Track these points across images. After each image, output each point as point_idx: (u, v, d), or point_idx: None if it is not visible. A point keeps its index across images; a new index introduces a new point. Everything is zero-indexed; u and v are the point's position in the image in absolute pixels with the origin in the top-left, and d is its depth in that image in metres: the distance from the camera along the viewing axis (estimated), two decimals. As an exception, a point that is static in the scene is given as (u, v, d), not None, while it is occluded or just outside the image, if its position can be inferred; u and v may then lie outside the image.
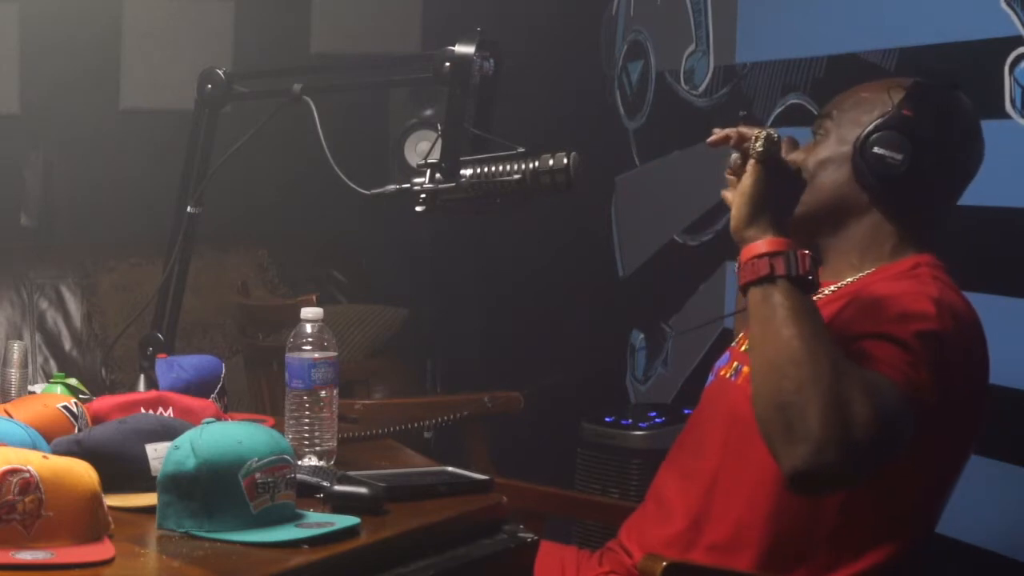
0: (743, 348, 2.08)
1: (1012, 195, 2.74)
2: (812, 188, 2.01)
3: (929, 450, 1.87)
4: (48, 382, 2.34)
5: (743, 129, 1.90)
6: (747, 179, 1.86)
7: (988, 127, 2.80)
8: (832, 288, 2.02)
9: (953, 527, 2.86)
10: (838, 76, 3.29)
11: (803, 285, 1.81)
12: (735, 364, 2.09)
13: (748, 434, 1.91)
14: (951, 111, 2.03)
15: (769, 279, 1.80)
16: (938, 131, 2.00)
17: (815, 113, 3.31)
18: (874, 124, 1.99)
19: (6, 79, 4.44)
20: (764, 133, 1.87)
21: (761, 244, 1.83)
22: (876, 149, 1.98)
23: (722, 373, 2.12)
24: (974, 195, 2.85)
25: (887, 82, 2.06)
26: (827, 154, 2.04)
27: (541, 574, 2.02)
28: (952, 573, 2.90)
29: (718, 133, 1.92)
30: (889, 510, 1.92)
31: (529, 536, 1.87)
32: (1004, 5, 2.73)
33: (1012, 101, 2.73)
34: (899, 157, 1.97)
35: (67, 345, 4.35)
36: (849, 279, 2.02)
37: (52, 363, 4.27)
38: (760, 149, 1.86)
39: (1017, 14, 2.70)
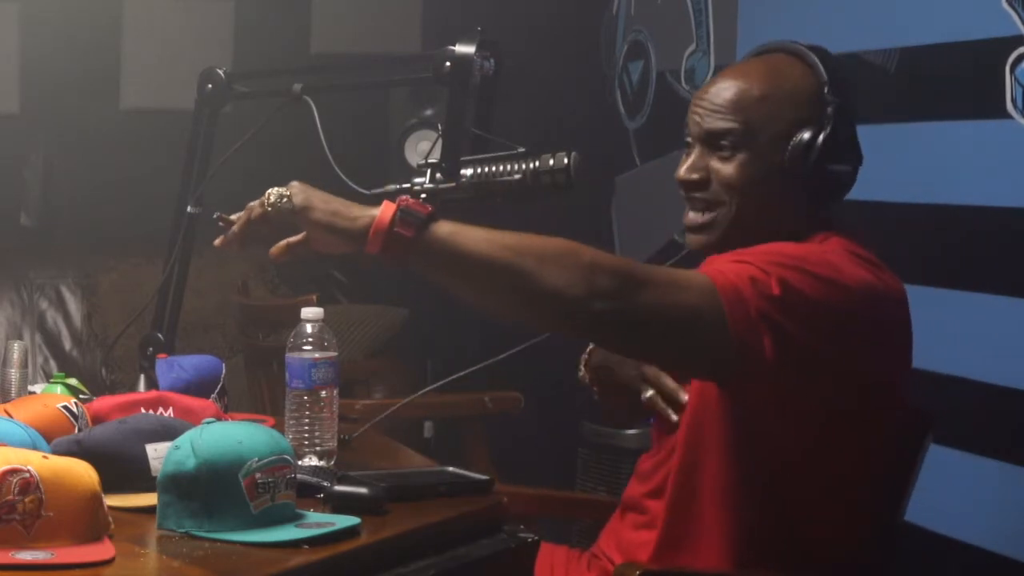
0: None
1: (1012, 195, 2.74)
2: (749, 211, 1.93)
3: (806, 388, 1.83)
4: (48, 382, 2.34)
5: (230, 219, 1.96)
6: (304, 217, 1.86)
7: (988, 127, 2.81)
8: None
9: (953, 527, 2.86)
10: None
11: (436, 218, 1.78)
12: None
13: (701, 434, 1.91)
14: (853, 99, 1.96)
15: (416, 237, 1.76)
16: (853, 125, 1.95)
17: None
18: (803, 143, 1.90)
19: (6, 79, 4.43)
20: (273, 193, 1.90)
21: (378, 219, 1.78)
22: (831, 167, 1.91)
23: None
24: (974, 195, 2.86)
25: (778, 77, 1.95)
26: (754, 172, 1.93)
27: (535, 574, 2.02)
28: (952, 573, 2.90)
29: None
30: (837, 496, 1.90)
31: (529, 536, 1.87)
32: (1005, 5, 2.73)
33: (1013, 101, 2.73)
34: (849, 168, 1.93)
35: (67, 345, 4.35)
36: None
37: (52, 363, 4.27)
38: (274, 202, 1.89)
39: (1018, 14, 2.70)
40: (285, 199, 1.89)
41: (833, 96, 1.91)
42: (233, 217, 1.99)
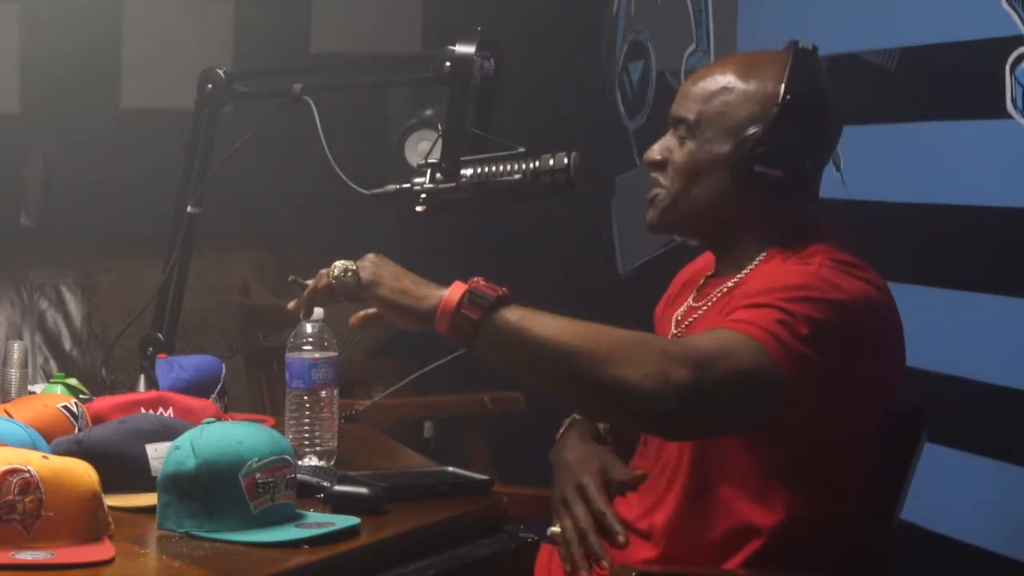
0: None
1: (1012, 195, 2.74)
2: (687, 196, 1.98)
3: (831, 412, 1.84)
4: (48, 382, 2.34)
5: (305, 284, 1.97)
6: (369, 291, 1.87)
7: (988, 127, 2.81)
8: (731, 283, 1.99)
9: (953, 527, 2.86)
10: (839, 76, 3.29)
11: (506, 302, 1.77)
12: None
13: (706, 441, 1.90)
14: (821, 105, 1.97)
15: (483, 320, 1.76)
16: (815, 132, 1.95)
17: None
18: (751, 139, 1.92)
19: (6, 79, 4.43)
20: (337, 266, 1.91)
21: (445, 300, 1.79)
22: (757, 167, 1.92)
23: None
24: (974, 195, 2.86)
25: (746, 73, 1.97)
26: (698, 161, 1.98)
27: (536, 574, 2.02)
28: (952, 573, 2.90)
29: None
30: (835, 496, 1.91)
31: (529, 536, 1.87)
32: (1005, 5, 2.72)
33: (1012, 101, 2.72)
34: (780, 173, 1.92)
35: (67, 345, 4.35)
36: (744, 270, 1.98)
37: (52, 363, 4.27)
38: (338, 276, 1.89)
39: (1018, 14, 2.70)
40: (350, 273, 1.89)
41: (786, 98, 1.92)
42: (308, 282, 1.99)
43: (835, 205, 3.15)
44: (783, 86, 1.93)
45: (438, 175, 2.16)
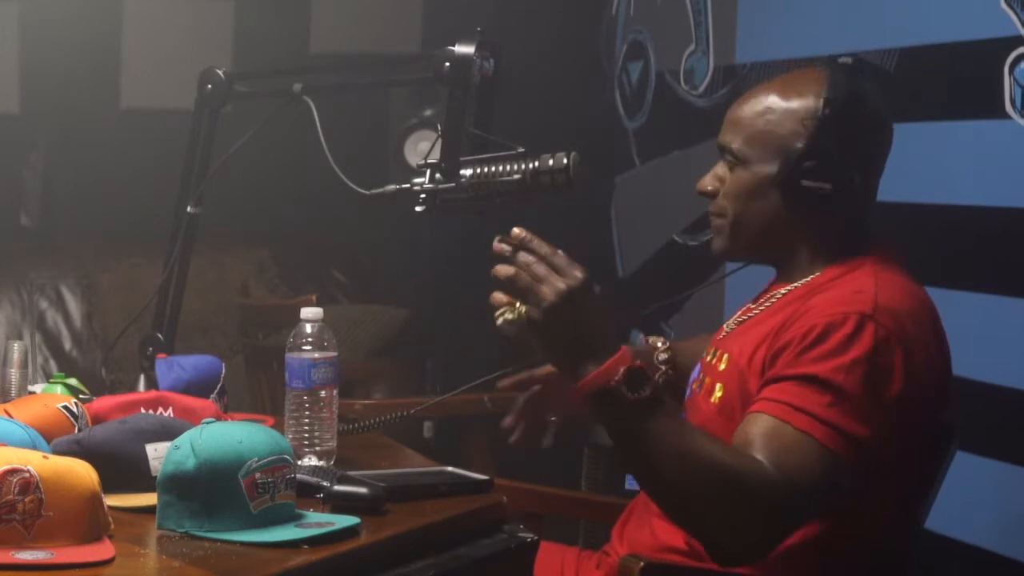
0: (709, 358, 2.08)
1: (1012, 195, 2.74)
2: (744, 221, 2.01)
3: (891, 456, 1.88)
4: (48, 382, 2.34)
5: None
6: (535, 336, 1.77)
7: (988, 127, 2.81)
8: (784, 291, 2.02)
9: (953, 527, 2.86)
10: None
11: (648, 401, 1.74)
12: (703, 377, 2.08)
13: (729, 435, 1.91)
14: (864, 117, 2.00)
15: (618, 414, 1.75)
16: (858, 144, 1.98)
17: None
18: (796, 155, 1.95)
19: (6, 79, 4.44)
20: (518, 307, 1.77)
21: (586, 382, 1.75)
22: (804, 182, 1.95)
23: (695, 387, 2.11)
24: (974, 195, 2.86)
25: (786, 92, 2.00)
26: (749, 185, 2.01)
27: (542, 575, 2.02)
28: (952, 573, 2.90)
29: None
30: (869, 503, 1.92)
31: (529, 536, 1.87)
32: (1004, 5, 2.73)
33: (1012, 101, 2.73)
34: (828, 187, 1.94)
35: (67, 345, 4.35)
36: (799, 282, 2.01)
37: (52, 363, 4.27)
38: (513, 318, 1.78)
39: (1017, 14, 2.70)
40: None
41: (826, 112, 1.94)
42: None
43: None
44: (822, 100, 1.95)
45: (438, 175, 2.16)
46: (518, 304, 1.78)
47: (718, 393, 1.98)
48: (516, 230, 1.81)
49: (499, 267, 1.79)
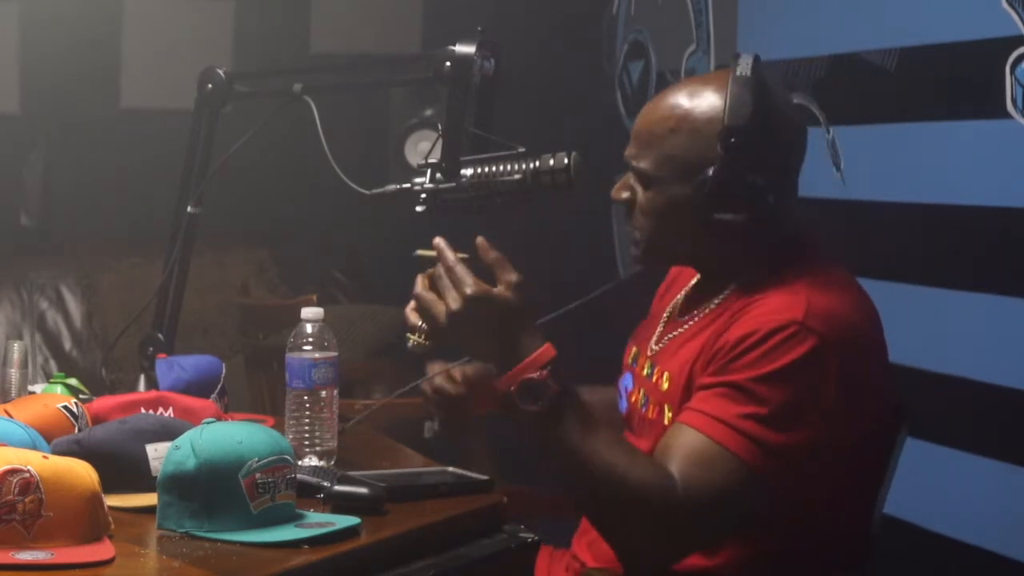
0: (645, 372, 2.03)
1: (1012, 195, 2.74)
2: (658, 238, 1.96)
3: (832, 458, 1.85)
4: (48, 382, 2.34)
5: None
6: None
7: (988, 127, 2.81)
8: (716, 302, 1.97)
9: (953, 527, 2.86)
10: (839, 76, 3.29)
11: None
12: (642, 392, 2.03)
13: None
14: (773, 131, 1.89)
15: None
16: (769, 161, 1.89)
17: (817, 113, 3.31)
18: (707, 185, 1.87)
19: (6, 79, 4.44)
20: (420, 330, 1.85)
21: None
22: (717, 216, 1.88)
23: (633, 400, 2.06)
24: (974, 195, 2.86)
25: (691, 109, 1.91)
26: (660, 207, 1.94)
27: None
28: (952, 573, 2.90)
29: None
30: (821, 493, 1.90)
31: (529, 536, 1.87)
32: (1005, 5, 2.72)
33: (1012, 101, 2.73)
34: (741, 217, 1.88)
35: (67, 345, 4.35)
36: (727, 291, 1.96)
37: (52, 363, 4.27)
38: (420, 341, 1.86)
39: (1018, 14, 2.70)
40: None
41: (732, 141, 1.86)
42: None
43: (835, 205, 3.15)
44: (727, 125, 1.86)
45: (438, 175, 2.16)
46: (421, 323, 1.86)
47: (669, 414, 1.94)
48: (436, 240, 1.89)
49: (416, 281, 1.90)
